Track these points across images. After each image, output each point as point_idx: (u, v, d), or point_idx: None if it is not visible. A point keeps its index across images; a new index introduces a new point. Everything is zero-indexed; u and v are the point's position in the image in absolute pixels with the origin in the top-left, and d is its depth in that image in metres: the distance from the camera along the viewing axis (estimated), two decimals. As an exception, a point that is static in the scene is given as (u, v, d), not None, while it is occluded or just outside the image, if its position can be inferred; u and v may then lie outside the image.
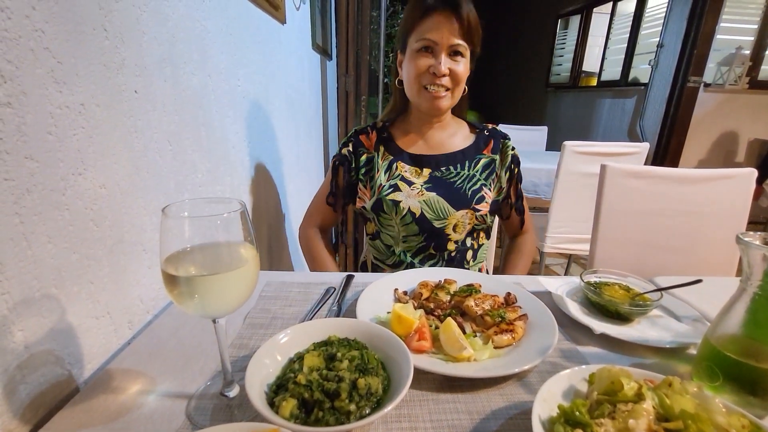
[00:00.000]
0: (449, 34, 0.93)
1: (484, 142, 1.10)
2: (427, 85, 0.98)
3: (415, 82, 0.99)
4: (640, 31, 4.28)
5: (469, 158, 1.07)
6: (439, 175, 1.05)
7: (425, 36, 0.94)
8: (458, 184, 1.04)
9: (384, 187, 1.03)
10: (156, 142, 0.73)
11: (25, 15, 0.46)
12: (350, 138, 1.12)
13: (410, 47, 0.98)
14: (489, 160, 1.08)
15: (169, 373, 0.57)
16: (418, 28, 0.96)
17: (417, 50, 0.96)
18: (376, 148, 1.09)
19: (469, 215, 1.02)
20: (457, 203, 1.02)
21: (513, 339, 0.64)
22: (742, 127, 3.79)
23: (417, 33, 0.96)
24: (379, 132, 1.11)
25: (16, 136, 0.45)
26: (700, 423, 0.40)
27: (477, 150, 1.09)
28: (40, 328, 0.49)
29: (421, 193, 1.02)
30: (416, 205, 1.01)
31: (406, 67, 1.01)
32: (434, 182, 1.04)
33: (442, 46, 0.94)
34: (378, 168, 1.06)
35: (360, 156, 1.09)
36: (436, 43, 0.94)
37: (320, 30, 2.29)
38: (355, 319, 0.63)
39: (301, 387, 0.46)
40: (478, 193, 1.04)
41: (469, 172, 1.06)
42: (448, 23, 0.93)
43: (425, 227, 1.01)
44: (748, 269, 0.51)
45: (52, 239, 0.50)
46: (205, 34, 0.92)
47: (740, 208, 1.33)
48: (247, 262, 0.46)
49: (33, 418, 0.49)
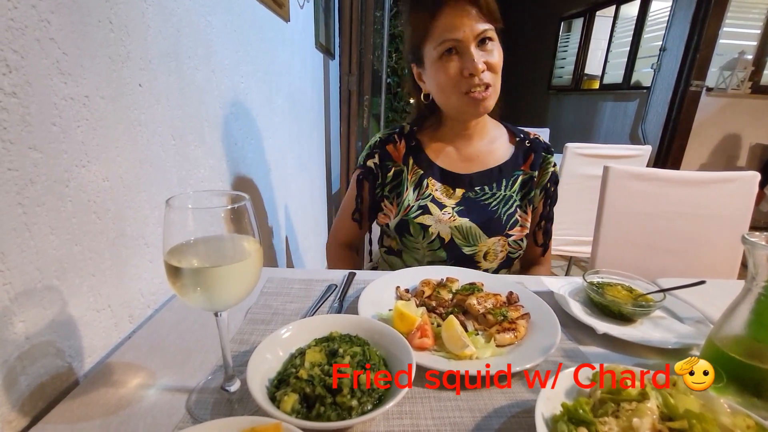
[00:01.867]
0: (471, 22, 0.81)
1: (524, 155, 0.99)
2: (465, 90, 0.85)
3: (452, 93, 0.87)
4: (643, 34, 4.28)
5: (507, 175, 0.96)
6: (472, 195, 0.95)
7: (446, 37, 0.82)
8: (493, 206, 0.94)
9: (413, 208, 0.93)
10: (159, 136, 0.73)
11: (32, 5, 0.46)
12: (375, 148, 0.99)
13: (429, 56, 0.86)
14: (527, 177, 0.97)
15: (169, 367, 0.57)
16: (432, 32, 0.84)
17: (440, 55, 0.84)
18: (404, 160, 0.97)
19: (501, 242, 0.93)
20: (489, 230, 0.92)
21: (515, 338, 0.64)
22: (745, 132, 3.79)
23: (433, 38, 0.84)
24: (407, 140, 0.99)
25: (21, 126, 0.45)
26: (704, 423, 0.40)
27: (515, 165, 0.97)
28: (41, 320, 0.49)
29: (453, 218, 0.92)
30: (446, 230, 0.92)
31: (433, 78, 0.88)
32: (467, 204, 0.94)
33: (468, 40, 0.81)
34: (407, 185, 0.96)
35: (387, 170, 0.98)
36: (460, 40, 0.82)
37: (324, 29, 2.29)
38: (357, 316, 0.63)
39: (302, 382, 0.46)
40: (513, 217, 0.94)
41: (505, 193, 0.95)
42: (465, 12, 0.80)
43: (454, 254, 0.93)
44: (753, 270, 0.51)
45: (55, 230, 0.50)
46: (210, 29, 0.92)
47: (742, 210, 1.33)
48: (251, 255, 0.46)
49: (32, 410, 0.48)
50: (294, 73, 1.75)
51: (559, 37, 5.80)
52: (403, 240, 0.96)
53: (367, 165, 1.00)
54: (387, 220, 0.98)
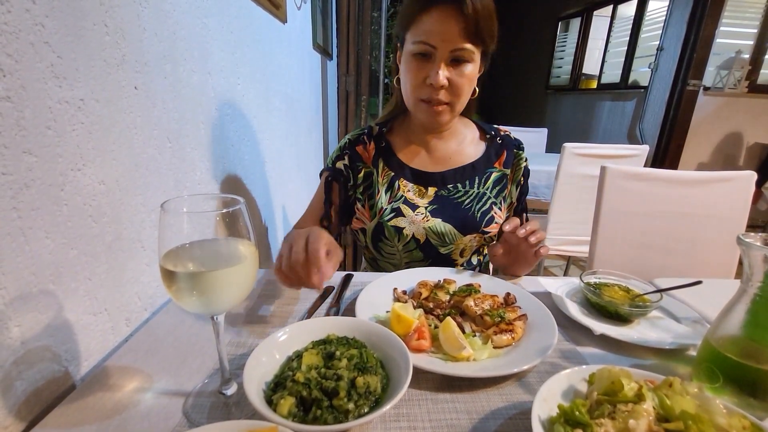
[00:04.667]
0: (451, 36, 0.77)
1: (496, 152, 0.98)
2: (423, 97, 0.84)
3: (411, 94, 0.86)
4: (640, 34, 4.29)
5: (480, 173, 0.96)
6: (445, 193, 0.94)
7: (423, 39, 0.79)
8: (466, 204, 0.93)
9: (385, 210, 0.92)
10: (155, 140, 0.73)
11: (26, 9, 0.45)
12: (344, 150, 0.97)
13: (406, 47, 0.84)
14: (500, 175, 0.97)
15: (166, 370, 0.57)
16: (416, 23, 0.80)
17: (413, 54, 0.82)
18: (374, 162, 0.96)
19: (477, 239, 0.94)
20: (464, 228, 0.92)
21: (512, 339, 0.64)
22: (742, 131, 3.80)
23: (414, 31, 0.81)
24: (376, 141, 0.97)
25: (15, 130, 0.45)
26: (700, 424, 0.40)
27: (488, 162, 0.97)
28: (37, 324, 0.49)
29: (426, 218, 0.91)
30: (421, 231, 0.91)
31: (402, 70, 0.87)
32: (440, 203, 0.93)
33: (442, 52, 0.79)
34: (378, 187, 0.94)
35: (358, 171, 0.95)
36: (435, 48, 0.79)
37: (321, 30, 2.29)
38: (354, 318, 0.63)
39: (299, 385, 0.46)
40: (488, 214, 0.94)
41: (478, 190, 0.95)
42: (451, 22, 0.76)
43: (430, 253, 0.93)
44: (748, 270, 0.51)
45: (50, 235, 0.50)
46: (206, 31, 0.92)
47: (739, 210, 1.33)
48: (246, 258, 0.46)
49: (28, 414, 0.48)
50: (291, 74, 1.75)
51: (556, 36, 5.80)
52: (379, 246, 0.96)
53: (336, 167, 0.96)
54: (361, 225, 0.97)
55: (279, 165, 1.58)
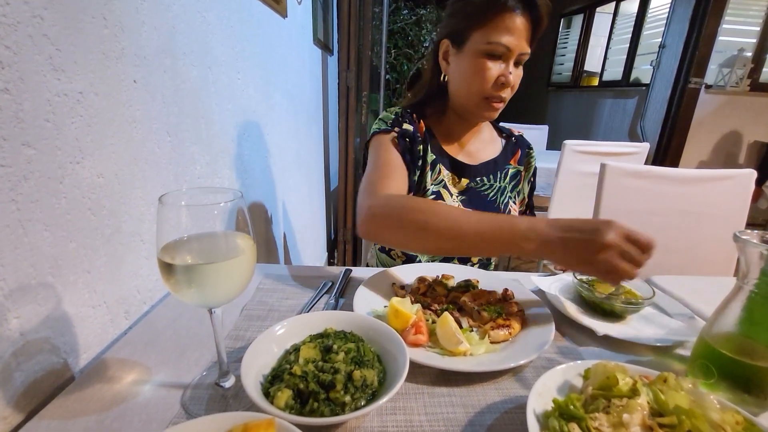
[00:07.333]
0: (521, 40, 0.82)
1: (512, 150, 1.05)
2: (490, 95, 0.86)
3: (477, 92, 0.87)
4: (643, 31, 4.27)
5: (500, 168, 1.01)
6: (474, 186, 0.98)
7: (499, 40, 0.81)
8: (491, 197, 0.99)
9: (429, 191, 0.93)
10: (155, 133, 0.73)
11: (24, 1, 0.45)
12: (404, 116, 0.93)
13: (473, 45, 0.84)
14: (515, 171, 1.04)
15: (164, 363, 0.57)
16: (490, 25, 0.81)
17: (485, 53, 0.83)
18: (424, 139, 0.94)
19: None
20: None
21: (509, 334, 0.64)
22: (743, 129, 3.79)
23: (487, 31, 0.82)
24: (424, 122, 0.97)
25: (14, 122, 0.45)
26: (694, 419, 0.40)
27: (505, 159, 1.03)
28: (36, 316, 0.49)
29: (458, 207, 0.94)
30: None
31: (466, 68, 0.87)
32: (469, 194, 0.97)
33: (514, 53, 0.83)
34: (426, 164, 0.94)
35: (417, 139, 0.92)
36: (510, 50, 0.82)
37: (322, 25, 2.28)
38: (352, 312, 0.63)
39: (296, 378, 0.46)
40: (507, 207, 1.00)
41: (500, 184, 1.00)
42: (524, 27, 0.82)
43: None
44: (745, 267, 0.51)
45: (49, 227, 0.50)
46: (206, 25, 0.92)
47: (739, 208, 1.33)
48: (244, 252, 0.46)
49: (27, 405, 0.49)
50: (292, 69, 1.75)
51: (558, 33, 5.78)
52: None
53: (404, 128, 0.91)
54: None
55: (279, 160, 1.58)
